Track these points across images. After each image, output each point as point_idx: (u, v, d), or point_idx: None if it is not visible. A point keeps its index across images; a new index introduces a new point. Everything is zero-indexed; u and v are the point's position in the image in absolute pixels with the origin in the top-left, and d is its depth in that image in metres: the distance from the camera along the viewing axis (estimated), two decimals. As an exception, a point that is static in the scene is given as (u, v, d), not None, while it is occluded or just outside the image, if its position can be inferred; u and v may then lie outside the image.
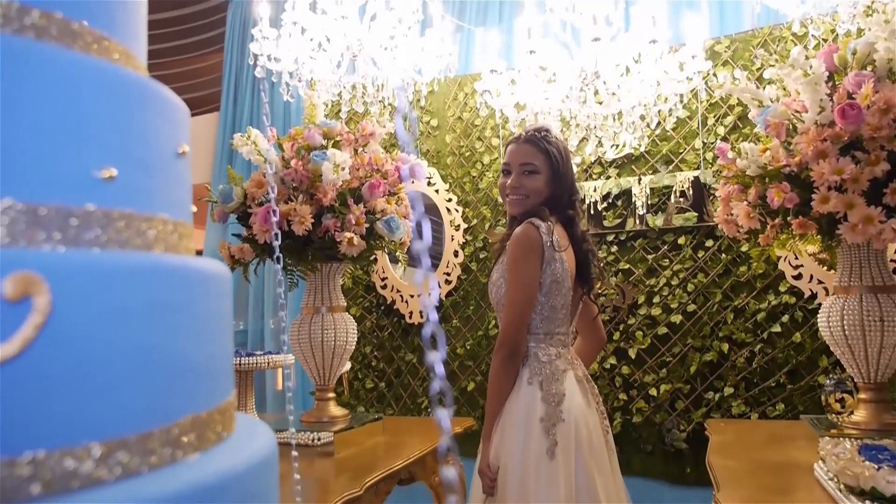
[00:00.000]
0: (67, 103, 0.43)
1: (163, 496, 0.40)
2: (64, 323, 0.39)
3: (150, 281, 0.44)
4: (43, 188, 0.41)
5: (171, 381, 0.45)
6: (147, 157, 0.49)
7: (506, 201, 1.92)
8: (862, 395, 1.89)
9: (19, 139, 0.40)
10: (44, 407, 0.38)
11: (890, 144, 1.68)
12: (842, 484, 1.42)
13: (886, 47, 1.74)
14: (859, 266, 1.89)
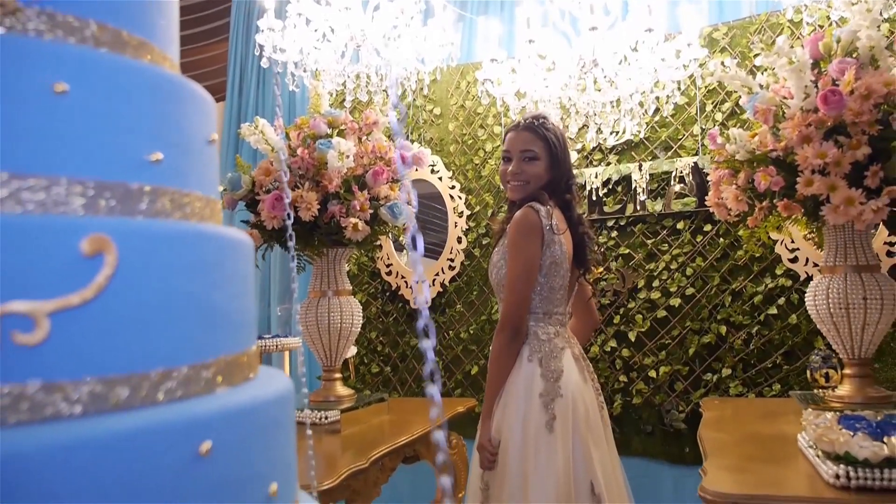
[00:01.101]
0: (124, 100, 0.54)
1: (206, 416, 0.52)
2: (126, 275, 0.50)
3: (190, 244, 0.55)
4: (109, 169, 0.52)
5: (207, 326, 0.56)
6: (184, 144, 0.59)
7: (507, 187, 2.02)
8: (847, 370, 2.00)
9: (92, 131, 0.51)
10: (111, 340, 0.49)
11: (871, 129, 1.77)
12: (819, 450, 1.53)
13: (868, 35, 1.83)
14: (844, 247, 1.98)
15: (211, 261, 0.56)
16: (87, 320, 0.47)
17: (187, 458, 0.49)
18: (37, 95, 0.50)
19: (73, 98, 0.51)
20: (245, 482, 0.54)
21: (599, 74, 2.68)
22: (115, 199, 0.52)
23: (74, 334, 0.47)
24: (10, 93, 0.49)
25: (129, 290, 0.49)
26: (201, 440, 0.49)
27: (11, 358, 0.44)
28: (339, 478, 1.70)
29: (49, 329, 0.46)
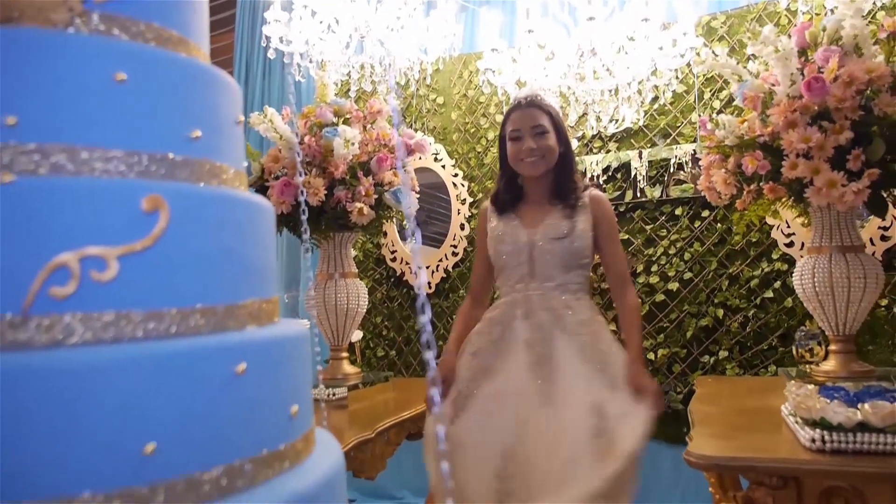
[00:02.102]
0: (169, 87, 0.67)
1: (242, 344, 0.65)
2: (176, 228, 0.63)
3: (225, 205, 0.67)
4: (157, 143, 0.65)
5: (240, 274, 0.69)
6: (217, 124, 0.72)
7: (521, 164, 2.06)
8: (832, 346, 2.12)
9: (144, 113, 0.64)
10: (166, 280, 0.62)
11: (853, 114, 1.88)
12: (798, 417, 1.65)
13: (852, 24, 1.94)
14: (830, 229, 2.10)
15: (241, 220, 0.69)
16: (147, 263, 0.60)
17: (227, 375, 0.61)
18: (102, 83, 0.62)
19: (129, 85, 0.63)
20: (273, 400, 0.66)
21: (598, 63, 2.79)
22: (163, 167, 0.64)
23: (137, 274, 0.59)
24: (79, 81, 0.62)
25: (179, 241, 0.62)
26: (238, 362, 0.62)
27: (89, 292, 0.57)
28: (346, 447, 1.83)
29: (118, 269, 0.58)
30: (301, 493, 0.64)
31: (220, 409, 0.61)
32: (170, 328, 0.61)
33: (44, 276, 0.55)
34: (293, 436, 0.69)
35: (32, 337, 0.55)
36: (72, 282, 0.56)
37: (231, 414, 0.62)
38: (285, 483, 0.65)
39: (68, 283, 0.56)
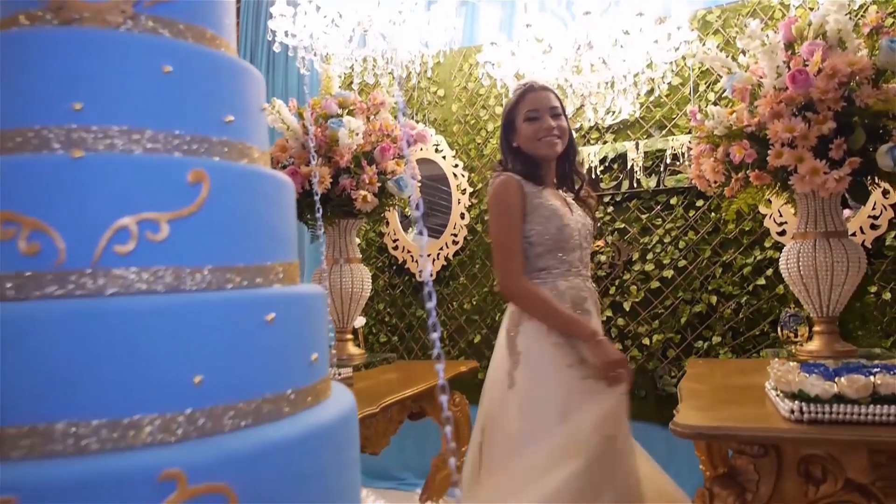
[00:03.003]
0: (207, 78, 0.78)
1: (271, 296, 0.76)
2: (216, 198, 0.74)
3: (256, 180, 0.79)
4: (198, 126, 0.77)
5: (268, 239, 0.80)
6: (246, 110, 0.83)
7: (540, 144, 2.09)
8: (816, 327, 2.23)
9: (187, 100, 0.75)
10: (208, 241, 0.74)
11: (836, 105, 2.00)
12: (779, 390, 1.77)
13: (836, 19, 2.05)
14: (815, 215, 2.21)
15: (268, 193, 0.81)
16: (191, 227, 0.72)
17: (259, 323, 0.73)
18: (151, 74, 0.74)
19: (174, 77, 0.75)
20: (296, 346, 0.78)
21: (594, 56, 2.90)
22: (203, 146, 0.76)
23: (184, 236, 0.71)
24: (132, 72, 0.74)
25: (218, 209, 0.74)
26: (268, 312, 0.74)
27: (145, 250, 0.69)
28: (352, 420, 1.95)
29: (168, 231, 0.70)
30: (322, 425, 0.76)
31: (254, 350, 0.73)
32: (210, 282, 0.73)
33: (109, 236, 0.67)
34: (314, 379, 0.81)
35: (100, 286, 0.67)
36: (131, 241, 0.68)
37: (263, 355, 0.74)
38: (309, 416, 0.77)
39: (128, 242, 0.68)
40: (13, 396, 0.63)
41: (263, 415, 0.72)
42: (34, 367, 0.64)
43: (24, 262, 0.66)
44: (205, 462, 0.64)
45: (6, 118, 0.71)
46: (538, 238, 2.05)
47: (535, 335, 2.01)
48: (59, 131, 0.70)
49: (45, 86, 0.71)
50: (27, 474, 0.61)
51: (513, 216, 2.04)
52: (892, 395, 1.56)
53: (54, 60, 0.72)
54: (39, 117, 0.70)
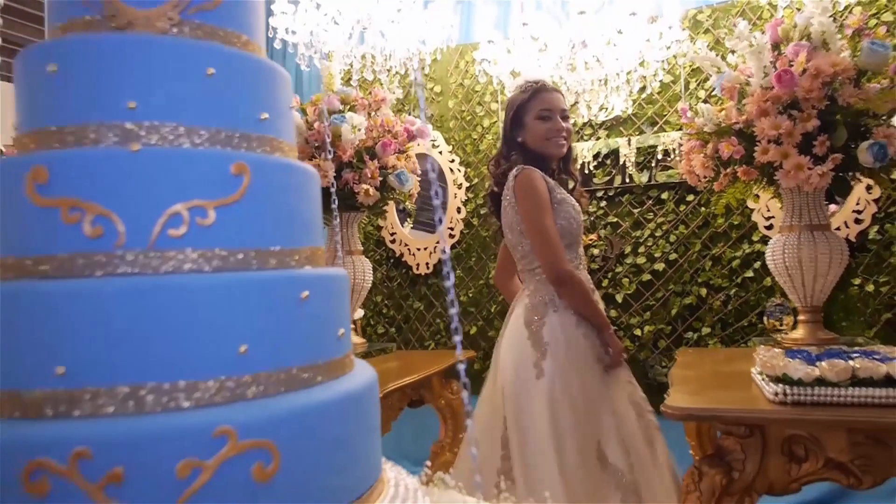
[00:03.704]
0: (244, 79, 0.87)
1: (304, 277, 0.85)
2: (255, 187, 0.82)
3: (287, 171, 0.88)
4: (240, 122, 0.85)
5: (298, 225, 0.89)
6: (278, 108, 0.92)
7: (549, 143, 2.22)
8: (801, 316, 2.34)
9: (228, 99, 0.84)
10: (248, 225, 0.82)
11: (820, 104, 2.10)
12: (764, 374, 1.87)
13: (820, 21, 2.15)
14: (800, 209, 2.31)
15: (299, 184, 0.89)
16: (234, 213, 0.80)
17: (294, 300, 0.82)
18: (197, 76, 0.82)
19: (217, 78, 0.83)
20: (326, 321, 0.87)
21: (588, 55, 3.00)
22: (243, 141, 0.84)
23: (228, 221, 0.79)
24: (180, 74, 0.82)
25: (257, 197, 0.82)
26: (302, 290, 0.82)
27: (195, 233, 0.78)
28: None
29: (215, 217, 0.78)
30: (350, 392, 0.85)
31: (290, 325, 0.82)
32: (251, 263, 0.81)
33: (163, 221, 0.76)
34: (341, 352, 0.90)
35: (156, 266, 0.75)
36: (183, 225, 0.76)
37: (299, 329, 0.82)
38: (339, 385, 0.85)
39: (180, 227, 0.76)
40: (82, 362, 0.72)
41: (300, 382, 0.81)
42: (99, 336, 0.72)
43: (88, 244, 0.75)
44: (252, 421, 0.73)
45: (67, 115, 0.80)
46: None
47: (561, 326, 2.13)
48: (116, 127, 0.78)
49: (103, 86, 0.79)
50: (98, 429, 0.70)
51: (547, 205, 2.14)
52: (870, 378, 1.65)
53: (110, 63, 0.80)
54: (98, 114, 0.79)
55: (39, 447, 0.68)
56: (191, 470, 0.70)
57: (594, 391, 2.14)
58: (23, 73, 0.85)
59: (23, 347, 0.74)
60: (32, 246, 0.76)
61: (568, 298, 2.15)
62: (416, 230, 3.86)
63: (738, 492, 1.79)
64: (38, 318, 0.73)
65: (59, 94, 0.80)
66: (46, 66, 0.80)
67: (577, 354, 2.13)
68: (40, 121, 0.81)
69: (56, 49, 0.81)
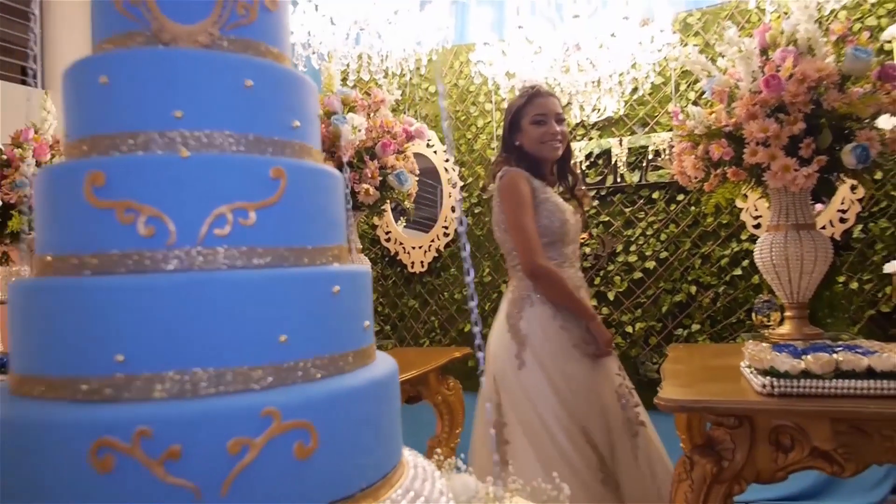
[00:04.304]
0: (278, 89, 0.94)
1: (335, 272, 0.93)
2: (291, 190, 0.90)
3: (317, 175, 0.96)
4: (275, 130, 0.93)
5: (328, 224, 0.97)
6: (307, 116, 1.00)
7: (544, 147, 2.35)
8: (787, 312, 2.44)
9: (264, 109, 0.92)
10: (285, 225, 0.90)
11: (805, 108, 2.20)
12: (753, 367, 1.97)
13: (805, 28, 2.25)
14: (786, 209, 2.42)
15: (327, 186, 0.98)
16: (273, 215, 0.88)
17: (327, 294, 0.90)
18: (236, 87, 0.90)
19: (254, 89, 0.91)
20: (355, 314, 0.95)
21: (582, 57, 3.09)
22: (279, 148, 0.92)
23: (267, 222, 0.87)
24: (221, 86, 0.90)
25: (292, 200, 0.90)
26: (334, 285, 0.91)
27: (238, 233, 0.86)
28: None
29: (256, 218, 0.86)
30: (377, 378, 0.93)
31: (324, 316, 0.90)
32: (288, 260, 0.89)
33: (210, 221, 0.83)
34: (367, 342, 0.98)
35: (203, 263, 0.83)
36: (227, 226, 0.84)
37: (331, 321, 0.91)
38: (367, 371, 0.94)
39: (225, 227, 0.84)
40: (138, 350, 0.80)
41: (334, 368, 0.89)
42: (153, 327, 0.80)
43: (142, 242, 0.82)
44: (293, 403, 0.81)
45: (119, 123, 0.87)
46: (543, 231, 2.30)
47: (538, 319, 2.27)
48: (164, 135, 0.86)
49: (151, 97, 0.87)
50: (157, 411, 0.77)
51: (528, 205, 2.28)
52: (853, 370, 1.75)
53: (158, 75, 0.87)
54: (147, 123, 0.86)
55: (104, 427, 0.76)
56: (240, 447, 0.78)
57: (576, 380, 2.28)
58: (73, 84, 0.92)
59: (83, 337, 0.81)
60: (90, 244, 0.84)
61: (544, 292, 2.30)
62: (410, 229, 3.95)
63: (727, 480, 1.88)
64: (97, 311, 0.81)
65: (110, 104, 0.88)
66: (98, 78, 0.88)
67: (555, 345, 2.28)
68: (92, 129, 0.89)
69: (107, 62, 0.89)
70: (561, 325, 2.30)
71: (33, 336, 0.86)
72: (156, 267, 0.82)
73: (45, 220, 0.90)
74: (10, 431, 0.80)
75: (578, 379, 2.28)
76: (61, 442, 0.77)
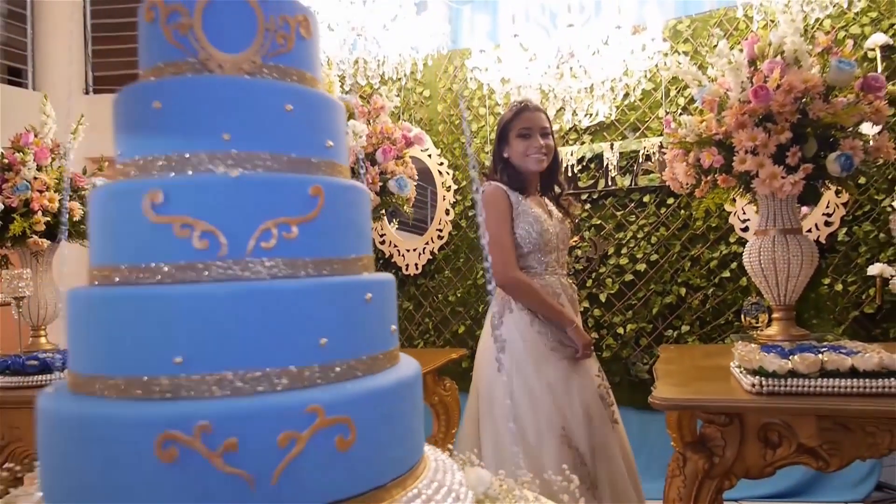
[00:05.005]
0: (314, 112, 1.05)
1: (367, 281, 1.03)
2: (328, 206, 1.01)
3: (349, 191, 1.06)
4: (312, 150, 1.03)
5: (359, 237, 1.07)
6: (338, 136, 1.10)
7: (529, 160, 2.51)
8: (775, 314, 2.57)
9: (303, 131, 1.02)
10: (324, 238, 1.00)
11: (792, 118, 2.32)
12: (742, 367, 2.09)
13: (792, 41, 2.38)
14: (774, 214, 2.54)
15: (358, 201, 1.08)
16: (312, 228, 0.98)
17: (361, 301, 1.00)
18: (278, 111, 1.00)
19: (294, 113, 1.01)
20: (384, 318, 1.06)
21: (575, 64, 3.21)
22: (316, 167, 1.03)
23: (308, 236, 0.97)
24: (264, 110, 1.00)
25: (329, 215, 1.00)
26: (367, 293, 1.01)
27: (282, 246, 0.96)
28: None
29: (298, 232, 0.96)
30: (404, 377, 1.03)
31: (359, 321, 1.00)
32: (326, 270, 0.99)
33: (257, 235, 0.93)
34: (394, 344, 1.08)
35: (252, 273, 0.93)
36: (273, 239, 0.94)
37: (365, 325, 1.01)
38: (396, 371, 1.04)
39: (271, 240, 0.94)
40: (196, 352, 0.90)
41: (368, 368, 0.99)
42: (208, 331, 0.90)
43: (197, 255, 0.92)
44: (335, 400, 0.91)
45: (172, 145, 0.97)
46: (521, 241, 2.47)
47: (516, 325, 2.42)
48: (215, 156, 0.96)
49: (202, 120, 0.97)
50: (216, 407, 0.87)
51: (504, 218, 2.45)
52: (837, 370, 1.87)
53: (207, 100, 0.97)
54: (199, 144, 0.96)
55: (168, 421, 0.85)
56: (289, 441, 0.88)
57: (555, 382, 2.43)
58: (126, 107, 1.02)
59: (144, 341, 0.91)
60: (149, 256, 0.93)
61: (519, 301, 2.47)
62: (404, 231, 4.05)
63: (718, 475, 2.00)
64: (157, 317, 0.91)
65: (164, 127, 0.98)
66: (153, 103, 0.97)
67: (532, 350, 2.44)
68: (147, 150, 0.98)
69: (160, 88, 0.99)
70: (538, 331, 2.46)
71: (95, 340, 0.95)
72: (210, 277, 0.92)
73: (102, 233, 0.99)
74: (80, 426, 0.90)
75: (555, 381, 2.43)
76: (130, 435, 0.86)
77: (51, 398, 0.97)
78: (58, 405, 0.94)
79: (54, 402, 0.95)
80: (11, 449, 2.55)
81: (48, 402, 0.95)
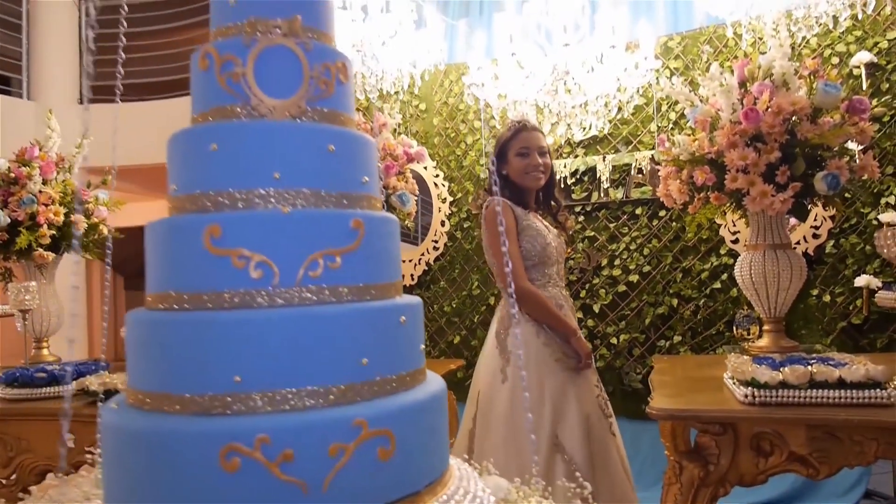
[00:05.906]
0: (352, 150, 1.18)
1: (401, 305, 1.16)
2: (368, 238, 1.13)
3: (384, 222, 1.18)
4: (351, 185, 1.16)
5: (393, 265, 1.20)
6: (372, 171, 1.22)
7: (527, 177, 2.67)
8: (765, 326, 2.73)
9: (343, 168, 1.15)
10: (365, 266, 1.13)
11: (781, 138, 2.48)
12: (735, 379, 2.23)
13: (780, 65, 2.54)
14: (764, 230, 2.70)
15: (392, 232, 1.21)
16: (354, 258, 1.11)
17: (396, 323, 1.13)
18: (321, 151, 1.13)
19: (336, 153, 1.14)
20: (415, 339, 1.18)
21: (570, 81, 3.35)
22: (355, 201, 1.15)
23: (351, 265, 1.10)
24: (310, 151, 1.13)
25: (369, 245, 1.13)
26: (401, 315, 1.14)
27: (328, 274, 1.08)
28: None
29: (341, 262, 1.09)
30: (435, 392, 1.16)
31: (395, 342, 1.13)
32: (366, 295, 1.12)
33: (306, 265, 1.06)
34: (422, 363, 1.21)
35: (301, 299, 1.06)
36: (319, 268, 1.06)
37: (401, 345, 1.14)
38: (427, 387, 1.17)
39: (318, 269, 1.06)
40: (252, 372, 1.02)
41: (403, 385, 1.12)
42: (264, 352, 1.02)
43: (253, 283, 1.04)
44: (377, 414, 1.04)
45: (227, 182, 1.09)
46: (526, 254, 2.61)
47: (522, 336, 2.54)
48: (266, 192, 1.08)
49: (254, 160, 1.09)
50: (273, 421, 0.99)
51: (510, 232, 2.59)
52: (825, 381, 2.01)
53: (259, 143, 1.10)
54: (252, 182, 1.09)
55: (231, 434, 0.97)
56: (338, 451, 1.00)
57: (556, 393, 2.56)
58: (184, 148, 1.14)
59: (205, 361, 1.03)
60: (209, 284, 1.05)
61: (529, 312, 2.60)
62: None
63: (713, 483, 2.13)
64: (218, 340, 1.03)
65: (220, 167, 1.10)
66: (210, 146, 1.10)
67: (536, 360, 2.57)
68: (203, 186, 1.11)
69: (216, 132, 1.11)
70: (544, 342, 2.60)
71: (160, 360, 1.07)
72: (265, 303, 1.04)
73: (163, 263, 1.11)
74: (149, 440, 1.01)
75: (556, 391, 2.56)
76: (197, 447, 0.98)
77: (116, 414, 1.08)
78: (126, 421, 1.06)
79: (121, 418, 1.07)
80: (19, 461, 2.63)
81: (114, 418, 1.07)
